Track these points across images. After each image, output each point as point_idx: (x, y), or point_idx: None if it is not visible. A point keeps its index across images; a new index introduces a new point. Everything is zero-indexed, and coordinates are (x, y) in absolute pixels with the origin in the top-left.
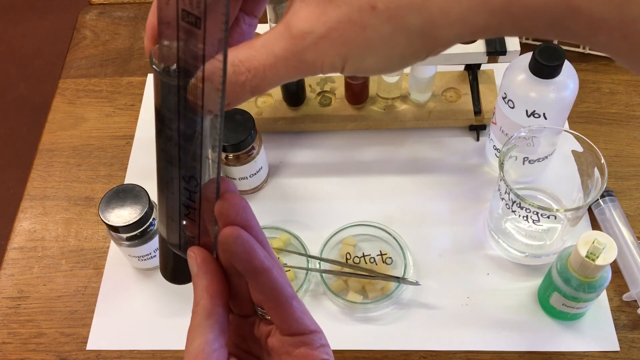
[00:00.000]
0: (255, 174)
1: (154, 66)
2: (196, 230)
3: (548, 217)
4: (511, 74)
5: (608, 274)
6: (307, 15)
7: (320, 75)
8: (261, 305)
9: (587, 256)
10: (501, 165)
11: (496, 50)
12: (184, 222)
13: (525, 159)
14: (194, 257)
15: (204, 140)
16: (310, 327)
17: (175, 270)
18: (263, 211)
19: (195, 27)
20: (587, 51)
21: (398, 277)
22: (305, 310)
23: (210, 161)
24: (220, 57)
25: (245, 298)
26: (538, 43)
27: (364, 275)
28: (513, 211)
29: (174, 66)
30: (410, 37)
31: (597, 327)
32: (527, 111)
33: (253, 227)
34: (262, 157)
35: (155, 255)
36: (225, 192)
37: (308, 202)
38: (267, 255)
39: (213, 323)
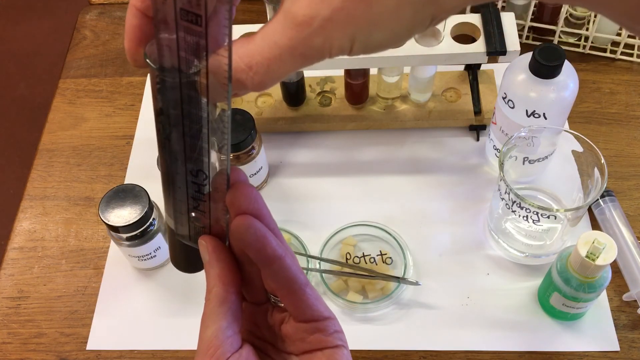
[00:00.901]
0: (255, 174)
1: (151, 63)
2: (206, 221)
3: (548, 217)
4: (511, 74)
5: (608, 274)
6: (309, 1)
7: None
8: (274, 293)
9: (587, 256)
10: (501, 165)
11: (496, 50)
12: (193, 214)
13: (525, 159)
14: (206, 245)
15: (210, 134)
16: (324, 314)
17: (185, 260)
18: None
19: (195, 25)
20: (587, 51)
21: (398, 277)
22: (318, 297)
23: (218, 153)
24: (223, 52)
25: (258, 286)
26: (538, 43)
27: (364, 275)
28: (513, 211)
29: (175, 63)
30: (415, 6)
31: (597, 327)
32: (527, 111)
33: (264, 215)
34: (262, 157)
35: (155, 255)
36: (236, 181)
37: (308, 202)
38: (279, 243)
39: (226, 310)
